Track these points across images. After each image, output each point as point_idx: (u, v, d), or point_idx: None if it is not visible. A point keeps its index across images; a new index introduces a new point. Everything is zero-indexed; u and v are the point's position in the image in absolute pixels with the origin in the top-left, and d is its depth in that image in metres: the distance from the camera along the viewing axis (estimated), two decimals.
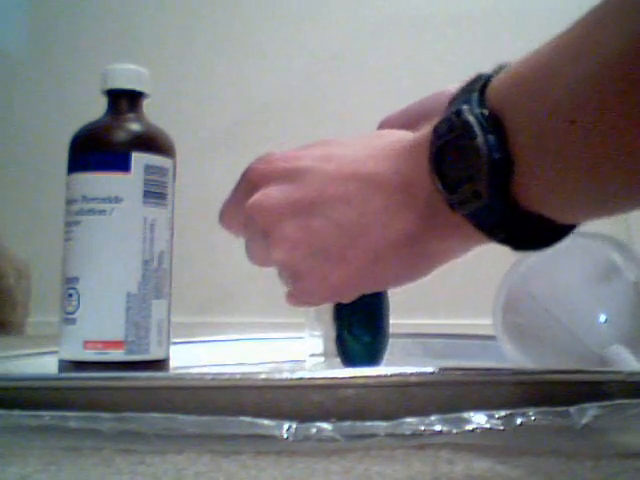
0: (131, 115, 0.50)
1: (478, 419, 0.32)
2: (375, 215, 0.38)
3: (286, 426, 0.32)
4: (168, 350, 0.50)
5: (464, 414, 0.32)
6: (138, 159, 0.48)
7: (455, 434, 0.32)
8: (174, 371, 0.52)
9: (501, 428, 0.32)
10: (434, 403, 0.33)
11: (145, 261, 0.48)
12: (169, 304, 0.50)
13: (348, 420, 0.32)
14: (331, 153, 0.41)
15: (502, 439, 0.32)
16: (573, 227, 0.34)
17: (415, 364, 0.36)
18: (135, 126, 0.50)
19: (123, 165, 0.48)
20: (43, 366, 0.51)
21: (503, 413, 0.32)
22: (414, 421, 0.32)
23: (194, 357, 0.61)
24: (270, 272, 0.44)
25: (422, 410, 0.33)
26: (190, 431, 0.32)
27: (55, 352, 0.48)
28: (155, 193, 0.49)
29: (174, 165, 0.51)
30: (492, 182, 0.31)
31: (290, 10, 1.79)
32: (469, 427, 0.32)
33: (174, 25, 1.83)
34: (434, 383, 0.36)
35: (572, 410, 0.32)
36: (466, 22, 1.70)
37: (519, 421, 0.32)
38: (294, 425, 0.32)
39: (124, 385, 0.37)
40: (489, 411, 0.32)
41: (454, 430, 0.32)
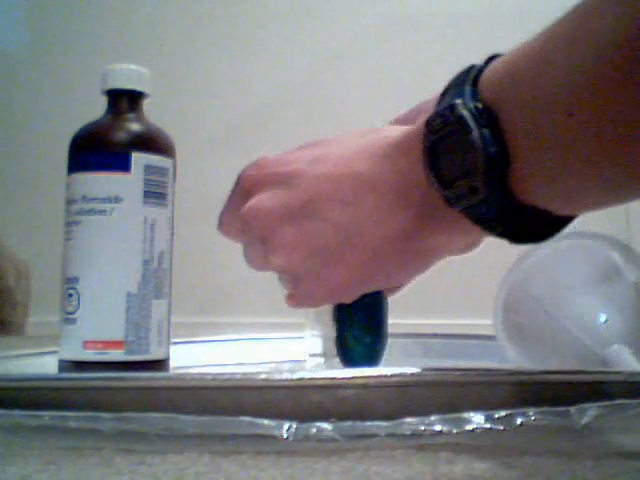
0: (131, 115, 0.50)
1: (478, 419, 0.32)
2: (370, 213, 0.38)
3: (286, 426, 0.32)
4: (168, 350, 0.50)
5: (464, 414, 0.32)
6: (138, 159, 0.48)
7: (455, 434, 0.32)
8: (174, 371, 0.52)
9: (501, 428, 0.32)
10: (434, 403, 0.33)
11: (145, 261, 0.48)
12: (169, 304, 0.50)
13: (348, 420, 0.32)
14: (321, 154, 0.41)
15: (502, 439, 0.32)
16: (571, 219, 0.33)
17: (415, 364, 0.36)
18: (135, 126, 0.50)
19: (123, 165, 0.48)
20: (43, 366, 0.51)
21: (503, 413, 0.32)
22: (414, 421, 0.32)
23: (194, 357, 0.61)
24: (269, 273, 0.44)
25: (422, 410, 0.33)
26: (190, 431, 0.32)
27: (55, 352, 0.48)
28: (155, 193, 0.49)
29: (174, 165, 0.51)
30: (489, 177, 0.31)
31: (290, 10, 1.79)
32: (469, 427, 0.32)
33: (174, 25, 1.83)
34: (434, 383, 0.36)
35: (572, 410, 0.32)
36: (466, 22, 1.70)
37: (519, 421, 0.32)
38: (294, 425, 0.32)
39: (124, 385, 0.37)
40: (489, 411, 0.32)
41: (454, 430, 0.32)
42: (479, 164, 0.31)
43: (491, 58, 0.33)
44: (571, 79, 0.27)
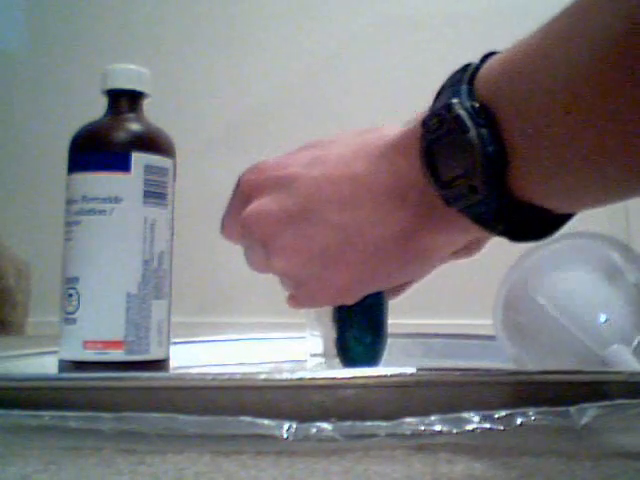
0: (131, 115, 0.50)
1: (478, 419, 0.32)
2: (368, 214, 0.38)
3: (286, 426, 0.32)
4: (168, 350, 0.50)
5: (464, 414, 0.32)
6: (138, 159, 0.48)
7: (455, 434, 0.32)
8: (174, 371, 0.52)
9: (501, 428, 0.32)
10: (434, 403, 0.33)
11: (145, 261, 0.48)
12: (169, 304, 0.50)
13: (348, 420, 0.32)
14: (318, 157, 0.41)
15: (502, 439, 0.32)
16: (570, 216, 0.33)
17: (415, 364, 0.36)
18: (135, 126, 0.50)
19: (123, 165, 0.48)
20: (43, 366, 0.51)
21: (503, 413, 0.32)
22: (414, 421, 0.32)
23: (194, 357, 0.61)
24: (270, 274, 0.44)
25: (422, 410, 0.33)
26: (190, 431, 0.32)
27: (55, 352, 0.48)
28: (155, 193, 0.49)
29: (174, 165, 0.51)
30: (487, 176, 0.31)
31: (289, 10, 1.79)
32: (469, 427, 0.32)
33: (174, 25, 1.83)
34: (434, 383, 0.36)
35: (572, 410, 0.32)
36: (464, 22, 1.70)
37: (519, 421, 0.32)
38: (294, 425, 0.32)
39: (124, 385, 0.37)
40: (489, 411, 0.32)
41: (454, 430, 0.32)
42: (477, 163, 0.31)
43: (487, 56, 0.33)
44: (568, 76, 0.27)
